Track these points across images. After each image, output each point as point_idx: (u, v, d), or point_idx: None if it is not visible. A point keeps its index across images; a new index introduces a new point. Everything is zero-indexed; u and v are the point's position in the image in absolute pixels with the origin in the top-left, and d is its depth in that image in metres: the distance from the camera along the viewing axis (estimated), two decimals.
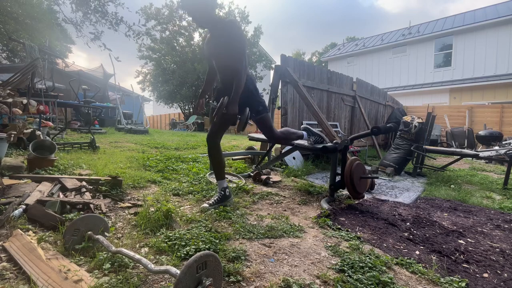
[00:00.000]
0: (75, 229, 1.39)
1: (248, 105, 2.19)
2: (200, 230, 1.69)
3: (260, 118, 2.30)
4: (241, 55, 2.06)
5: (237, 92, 2.03)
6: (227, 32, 2.04)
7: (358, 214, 2.41)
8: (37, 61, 5.07)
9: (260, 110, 2.26)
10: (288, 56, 4.60)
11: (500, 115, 10.05)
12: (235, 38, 2.04)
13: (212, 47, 2.17)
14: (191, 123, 14.15)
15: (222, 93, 2.16)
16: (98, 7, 8.97)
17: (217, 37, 2.11)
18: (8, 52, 12.34)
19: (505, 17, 12.38)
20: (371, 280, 1.31)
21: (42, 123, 4.42)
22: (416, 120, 4.77)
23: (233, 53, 2.06)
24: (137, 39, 10.57)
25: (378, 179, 3.94)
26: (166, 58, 15.43)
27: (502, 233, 2.17)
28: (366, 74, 16.54)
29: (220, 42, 2.09)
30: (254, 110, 2.25)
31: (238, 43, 2.05)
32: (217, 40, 2.12)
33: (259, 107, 2.25)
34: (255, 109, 2.24)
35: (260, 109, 2.26)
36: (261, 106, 2.27)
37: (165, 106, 17.54)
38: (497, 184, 4.05)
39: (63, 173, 2.62)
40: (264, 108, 2.28)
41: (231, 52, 2.06)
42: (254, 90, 2.23)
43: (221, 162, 2.27)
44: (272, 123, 2.38)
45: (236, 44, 2.05)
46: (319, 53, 35.00)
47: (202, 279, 0.97)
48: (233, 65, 2.06)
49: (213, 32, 2.15)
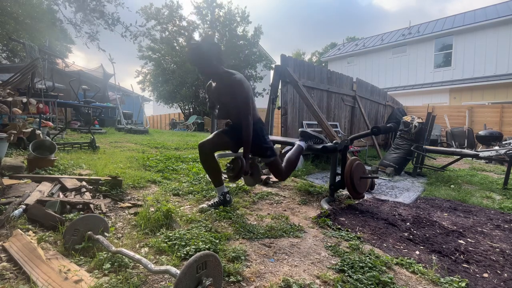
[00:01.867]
0: (75, 229, 1.39)
1: (257, 152, 2.26)
2: (200, 230, 1.69)
3: (270, 163, 2.34)
4: (248, 111, 2.08)
5: (248, 150, 2.11)
6: (233, 89, 2.09)
7: (358, 214, 2.41)
8: (37, 61, 5.07)
9: (268, 155, 2.30)
10: (288, 56, 4.60)
11: (500, 115, 10.05)
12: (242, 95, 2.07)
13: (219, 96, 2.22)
14: (191, 123, 14.15)
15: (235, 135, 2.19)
16: (97, 7, 8.98)
17: (224, 89, 2.15)
18: (8, 52, 12.34)
19: (505, 17, 12.37)
20: (371, 280, 1.31)
21: (42, 123, 4.42)
22: (416, 120, 4.77)
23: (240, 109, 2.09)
24: (134, 40, 10.56)
25: (378, 179, 3.94)
26: (166, 58, 15.43)
27: (502, 233, 2.17)
28: (366, 74, 16.53)
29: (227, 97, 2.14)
30: (264, 156, 2.30)
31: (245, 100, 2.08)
32: (224, 92, 2.15)
33: (267, 152, 2.29)
34: (264, 155, 2.29)
35: (269, 154, 2.29)
36: (269, 151, 2.30)
37: (165, 106, 17.54)
38: (497, 184, 4.05)
39: (63, 173, 2.62)
40: (272, 152, 2.31)
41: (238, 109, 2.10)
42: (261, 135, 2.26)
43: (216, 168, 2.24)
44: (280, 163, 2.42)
45: (243, 100, 2.08)
46: (319, 53, 35.00)
47: (202, 279, 0.97)
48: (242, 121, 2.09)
49: (219, 82, 2.19)
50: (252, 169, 2.27)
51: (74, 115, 8.96)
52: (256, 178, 2.36)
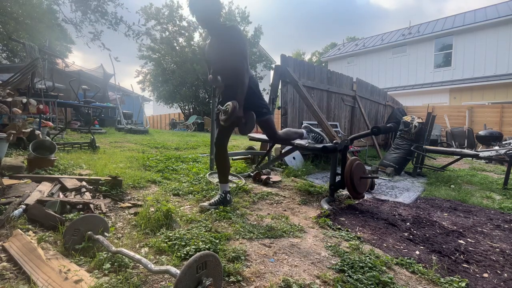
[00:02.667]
0: (75, 229, 1.39)
1: (252, 107, 2.20)
2: (200, 230, 1.69)
3: (264, 120, 2.31)
4: (243, 57, 2.08)
5: (241, 94, 2.06)
6: (228, 36, 2.08)
7: (358, 214, 2.41)
8: (37, 61, 5.06)
9: (264, 112, 2.27)
10: (288, 56, 4.60)
11: (500, 115, 10.05)
12: (236, 41, 2.07)
13: (214, 50, 2.20)
14: (191, 123, 14.15)
15: (226, 97, 2.17)
16: (98, 7, 8.98)
17: (218, 41, 2.14)
18: (8, 52, 12.33)
19: (505, 17, 12.37)
20: (371, 280, 1.31)
21: (42, 123, 4.42)
22: (416, 120, 4.77)
23: (235, 55, 2.07)
24: (136, 39, 10.57)
25: (378, 179, 3.93)
26: (166, 58, 15.42)
27: (502, 233, 2.17)
28: (366, 74, 16.53)
29: (222, 46, 2.12)
30: (258, 113, 2.26)
31: (239, 46, 2.08)
32: (218, 43, 2.15)
33: (263, 109, 2.27)
34: (259, 111, 2.25)
35: (264, 111, 2.27)
36: (265, 108, 2.28)
37: (165, 106, 17.52)
38: (497, 184, 4.05)
39: (63, 173, 2.62)
40: (267, 110, 2.30)
41: (233, 55, 2.08)
42: (256, 92, 2.25)
43: (227, 165, 2.27)
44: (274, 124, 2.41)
45: (237, 47, 2.07)
46: (319, 53, 35.00)
47: (202, 279, 0.97)
48: (235, 67, 2.07)
49: (214, 35, 2.18)
50: (245, 117, 2.16)
51: (74, 115, 8.96)
52: (249, 126, 2.22)
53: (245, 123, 2.16)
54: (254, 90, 2.21)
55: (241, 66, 2.06)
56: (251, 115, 2.17)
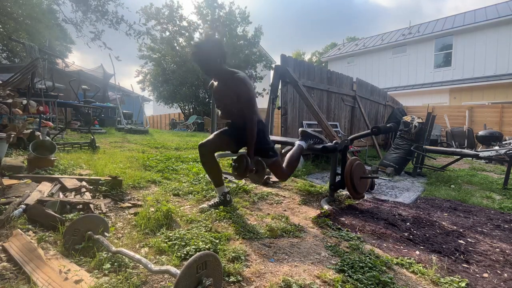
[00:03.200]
0: (75, 229, 1.39)
1: (260, 153, 2.26)
2: (200, 230, 1.69)
3: (272, 163, 2.33)
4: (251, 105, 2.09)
5: (252, 149, 2.11)
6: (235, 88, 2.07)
7: (358, 214, 2.41)
8: (37, 61, 5.07)
9: (271, 155, 2.30)
10: (288, 56, 4.60)
11: (500, 115, 10.04)
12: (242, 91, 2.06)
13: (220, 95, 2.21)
14: (191, 123, 14.15)
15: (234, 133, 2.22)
16: (98, 6, 8.98)
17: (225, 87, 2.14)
18: (8, 52, 12.34)
19: (505, 17, 12.36)
20: (371, 280, 1.31)
21: (42, 123, 4.42)
22: (416, 120, 4.77)
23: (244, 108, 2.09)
24: (137, 38, 10.58)
25: (378, 179, 3.94)
26: (166, 58, 15.42)
27: (502, 233, 2.17)
28: (366, 74, 16.52)
29: (227, 92, 2.12)
30: (266, 156, 2.30)
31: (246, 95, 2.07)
32: (225, 90, 2.14)
33: (269, 152, 2.29)
34: (266, 155, 2.29)
35: (271, 154, 2.30)
36: (271, 151, 2.30)
37: (165, 106, 17.52)
38: (497, 184, 4.05)
39: (63, 173, 2.62)
40: (274, 152, 2.32)
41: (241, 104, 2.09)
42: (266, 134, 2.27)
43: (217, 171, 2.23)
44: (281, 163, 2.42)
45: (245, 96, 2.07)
46: (319, 53, 34.97)
47: (202, 279, 0.97)
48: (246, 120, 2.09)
49: (220, 80, 2.19)
50: (257, 166, 2.28)
51: (74, 115, 8.96)
52: (261, 175, 2.38)
53: (257, 171, 2.30)
54: (260, 136, 2.20)
55: (251, 119, 2.07)
56: (262, 165, 2.27)
